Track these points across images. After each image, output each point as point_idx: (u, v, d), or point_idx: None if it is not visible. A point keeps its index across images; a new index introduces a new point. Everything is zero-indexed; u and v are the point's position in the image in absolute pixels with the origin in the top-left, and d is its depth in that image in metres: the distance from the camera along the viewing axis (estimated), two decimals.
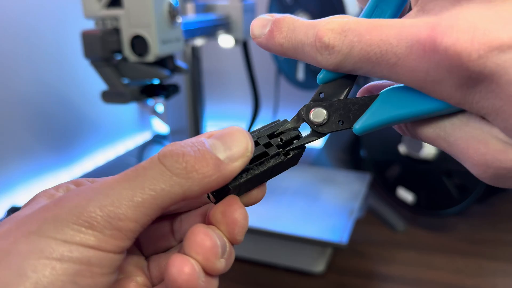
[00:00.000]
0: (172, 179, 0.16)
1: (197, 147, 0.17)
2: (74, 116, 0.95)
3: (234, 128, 0.18)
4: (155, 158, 0.17)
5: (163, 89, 0.55)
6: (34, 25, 0.83)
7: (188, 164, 0.16)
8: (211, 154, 0.17)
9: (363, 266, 0.61)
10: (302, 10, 0.78)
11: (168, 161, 0.16)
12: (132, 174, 0.16)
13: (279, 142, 0.20)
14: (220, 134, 0.18)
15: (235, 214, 0.18)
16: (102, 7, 0.48)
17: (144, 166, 0.17)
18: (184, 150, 0.17)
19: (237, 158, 0.18)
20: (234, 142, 0.18)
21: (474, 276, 0.58)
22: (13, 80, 0.80)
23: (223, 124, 1.13)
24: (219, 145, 0.17)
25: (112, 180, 0.16)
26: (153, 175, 0.16)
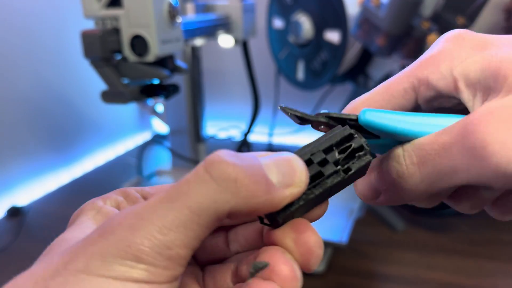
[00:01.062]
0: (218, 193, 0.14)
1: (249, 162, 0.15)
2: (74, 116, 0.95)
3: (290, 155, 0.17)
4: (201, 167, 0.15)
5: (163, 89, 0.54)
6: (34, 25, 0.83)
7: (238, 178, 0.14)
8: (264, 173, 0.15)
9: (363, 266, 0.61)
10: (302, 10, 0.78)
11: (216, 170, 0.14)
12: (174, 192, 0.14)
13: (337, 157, 0.17)
14: (275, 158, 0.16)
15: (310, 243, 0.17)
16: (102, 7, 0.48)
17: (188, 179, 0.15)
18: (235, 161, 0.15)
19: (289, 186, 0.16)
20: (289, 169, 0.16)
21: (474, 276, 0.58)
22: (13, 79, 0.80)
23: (223, 124, 1.13)
24: (273, 167, 0.16)
25: (155, 201, 0.15)
26: (197, 190, 0.14)
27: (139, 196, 0.20)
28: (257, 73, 0.84)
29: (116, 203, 0.19)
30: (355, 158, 0.17)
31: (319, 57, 0.78)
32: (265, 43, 0.91)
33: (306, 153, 0.17)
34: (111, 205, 0.19)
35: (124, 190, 0.20)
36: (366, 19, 0.66)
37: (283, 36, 0.83)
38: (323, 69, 0.78)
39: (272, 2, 0.84)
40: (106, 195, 0.19)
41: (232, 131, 1.12)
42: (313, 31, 0.77)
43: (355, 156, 0.17)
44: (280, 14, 0.83)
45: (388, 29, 0.63)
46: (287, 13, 0.81)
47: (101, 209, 0.18)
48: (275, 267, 0.16)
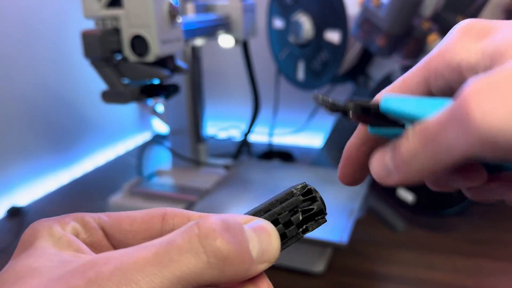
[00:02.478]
0: (206, 268, 0.15)
1: (240, 238, 0.16)
2: (74, 116, 0.95)
3: (271, 227, 0.18)
4: (194, 236, 0.15)
5: (163, 89, 0.54)
6: (34, 25, 0.83)
7: (229, 257, 0.15)
8: (250, 253, 0.16)
9: (363, 266, 0.61)
10: (302, 10, 0.78)
11: (210, 245, 0.15)
12: (165, 256, 0.15)
13: (299, 219, 0.19)
14: (258, 228, 0.17)
15: None
16: (102, 7, 0.48)
17: (180, 246, 0.15)
18: (228, 238, 0.15)
19: (264, 262, 0.17)
20: (269, 245, 0.17)
21: (474, 276, 0.58)
22: (13, 80, 0.80)
23: (223, 124, 1.13)
24: (255, 241, 0.17)
25: (143, 261, 0.15)
26: (188, 261, 0.15)
27: (97, 226, 0.20)
28: (257, 73, 0.84)
29: (75, 231, 0.19)
30: (313, 220, 0.19)
31: (319, 57, 0.78)
32: (265, 43, 0.91)
33: (274, 213, 0.19)
34: (70, 232, 0.19)
35: (80, 217, 0.20)
36: (366, 19, 0.66)
37: (283, 36, 0.83)
38: (323, 69, 0.78)
39: (272, 2, 0.84)
40: (60, 218, 0.19)
41: (232, 131, 1.12)
42: (313, 31, 0.77)
43: (314, 219, 0.19)
44: (280, 14, 0.83)
45: (388, 29, 0.63)
46: (287, 13, 0.81)
47: (62, 237, 0.18)
48: None
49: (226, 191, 0.66)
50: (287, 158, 0.97)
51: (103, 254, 0.16)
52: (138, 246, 0.16)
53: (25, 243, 0.18)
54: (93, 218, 0.20)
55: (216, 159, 0.84)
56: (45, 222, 0.19)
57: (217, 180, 0.71)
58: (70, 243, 0.18)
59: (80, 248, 0.18)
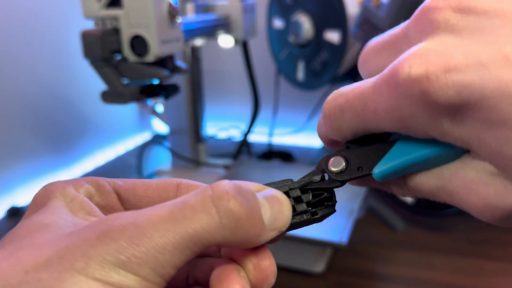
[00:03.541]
0: (219, 228, 0.15)
1: (252, 202, 0.16)
2: (74, 116, 0.95)
3: (283, 196, 0.18)
4: (208, 196, 0.16)
5: (163, 89, 0.55)
6: (34, 25, 0.83)
7: (241, 219, 0.16)
8: (261, 217, 0.16)
9: (363, 266, 0.61)
10: (302, 10, 0.78)
11: (223, 206, 0.15)
12: (179, 214, 0.15)
13: (309, 199, 0.20)
14: (270, 196, 0.17)
15: (268, 270, 0.18)
16: (102, 7, 0.48)
17: (193, 205, 0.15)
18: (241, 200, 0.16)
19: (275, 229, 0.17)
20: (280, 212, 0.17)
21: (473, 276, 0.58)
22: (13, 80, 0.80)
23: (223, 124, 1.13)
24: (268, 209, 0.17)
25: (158, 218, 0.15)
26: (201, 220, 0.15)
27: (111, 189, 0.20)
28: (257, 73, 0.84)
29: (88, 193, 0.19)
30: (323, 205, 0.20)
31: (319, 57, 0.78)
32: (265, 43, 0.91)
33: (286, 186, 0.20)
34: (84, 194, 0.19)
35: (95, 180, 0.20)
36: (366, 19, 0.66)
37: (283, 36, 0.83)
38: (323, 69, 0.78)
39: (272, 2, 0.84)
40: (74, 180, 0.19)
41: (232, 131, 1.12)
42: (313, 31, 0.77)
43: (323, 204, 0.20)
44: (280, 14, 0.83)
45: (388, 29, 0.63)
46: (287, 13, 0.81)
47: (75, 198, 0.18)
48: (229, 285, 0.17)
49: None
50: (287, 158, 0.97)
51: (116, 213, 0.16)
52: (153, 206, 0.16)
53: (37, 203, 0.18)
54: (108, 182, 0.20)
55: (216, 159, 0.84)
56: (59, 183, 0.19)
57: (217, 180, 0.72)
58: (83, 205, 0.18)
59: (92, 210, 0.18)
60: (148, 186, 0.20)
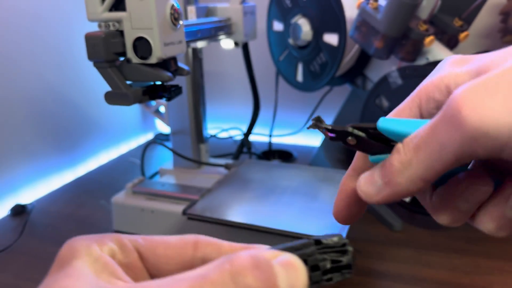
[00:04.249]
0: None
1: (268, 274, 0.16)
2: (78, 117, 0.96)
3: (298, 262, 0.18)
4: (226, 272, 0.16)
5: (166, 91, 0.55)
6: (39, 28, 0.84)
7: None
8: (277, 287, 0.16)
9: (361, 264, 0.62)
10: (301, 13, 0.79)
11: (241, 282, 0.16)
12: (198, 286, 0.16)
13: (327, 267, 0.19)
14: (285, 263, 0.17)
15: None
16: (105, 10, 0.49)
17: (213, 281, 0.16)
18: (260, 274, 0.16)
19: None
20: (297, 279, 0.17)
21: (470, 274, 0.59)
22: (18, 81, 0.81)
23: (224, 125, 1.14)
24: (284, 276, 0.17)
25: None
26: None
27: (133, 248, 0.21)
28: (257, 75, 0.85)
29: (112, 252, 0.20)
30: (339, 272, 0.19)
31: (318, 59, 0.79)
32: (265, 45, 0.92)
33: (304, 255, 0.18)
34: (107, 253, 0.19)
35: (118, 238, 0.20)
36: (364, 21, 0.67)
37: (283, 39, 0.84)
38: (322, 71, 0.79)
39: (272, 5, 0.85)
40: (99, 237, 0.20)
41: (233, 132, 1.13)
42: (312, 34, 0.78)
43: (340, 271, 0.19)
44: (279, 17, 0.84)
45: (385, 31, 0.64)
46: (287, 16, 0.82)
47: (99, 258, 0.19)
48: None
49: (226, 190, 0.67)
50: (287, 158, 0.98)
51: (139, 285, 0.17)
52: (173, 278, 0.16)
53: (62, 261, 0.18)
54: (130, 240, 0.21)
55: (217, 159, 0.85)
56: (83, 240, 0.19)
57: (218, 179, 0.73)
58: (106, 266, 0.19)
59: (115, 272, 0.19)
60: (167, 246, 0.21)
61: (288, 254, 0.18)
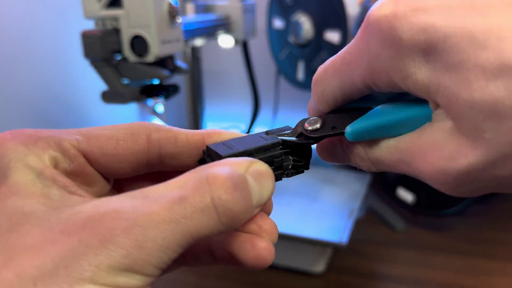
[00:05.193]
0: (217, 225, 0.16)
1: (246, 194, 0.17)
2: (74, 116, 0.95)
3: (269, 172, 0.18)
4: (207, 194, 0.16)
5: (163, 90, 0.55)
6: (34, 25, 0.83)
7: (237, 214, 0.16)
8: (252, 203, 0.17)
9: (363, 266, 0.61)
10: (302, 10, 0.78)
11: (222, 207, 0.16)
12: (179, 213, 0.15)
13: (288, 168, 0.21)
14: (258, 175, 0.17)
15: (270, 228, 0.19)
16: (102, 7, 0.48)
17: (193, 204, 0.15)
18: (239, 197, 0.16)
19: (260, 206, 0.18)
20: (267, 189, 0.18)
21: (473, 275, 0.59)
22: (12, 80, 0.80)
23: (223, 124, 1.13)
24: (256, 189, 0.17)
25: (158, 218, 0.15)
26: (202, 220, 0.15)
27: (76, 151, 0.18)
28: (257, 74, 0.84)
29: (54, 161, 0.17)
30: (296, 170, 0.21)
31: (319, 57, 0.78)
32: (265, 44, 0.91)
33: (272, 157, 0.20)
34: (49, 162, 0.17)
35: (57, 142, 0.18)
36: None
37: (283, 36, 0.84)
38: None
39: (272, 2, 0.84)
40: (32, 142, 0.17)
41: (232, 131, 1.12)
42: (313, 31, 0.77)
43: (297, 169, 0.21)
44: (280, 15, 0.83)
45: None
46: (287, 14, 0.81)
47: (43, 171, 0.17)
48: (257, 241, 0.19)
49: None
50: None
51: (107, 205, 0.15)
52: (144, 195, 0.16)
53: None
54: (71, 144, 0.18)
55: None
56: (15, 146, 0.17)
57: None
58: (54, 179, 0.17)
59: (66, 184, 0.17)
60: (116, 143, 0.19)
61: (260, 163, 0.18)
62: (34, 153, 0.17)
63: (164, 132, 0.20)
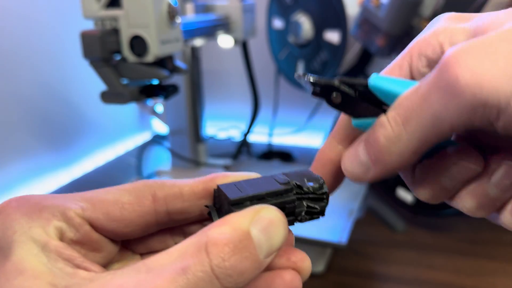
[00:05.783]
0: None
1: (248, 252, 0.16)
2: (73, 116, 0.95)
3: (278, 216, 0.17)
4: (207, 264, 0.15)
5: (162, 90, 0.55)
6: (33, 25, 0.83)
7: (241, 275, 0.15)
8: (258, 258, 0.16)
9: (363, 266, 0.61)
10: (302, 10, 0.78)
11: (223, 274, 0.15)
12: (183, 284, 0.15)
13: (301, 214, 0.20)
14: (265, 225, 0.16)
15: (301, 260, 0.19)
16: (101, 8, 0.48)
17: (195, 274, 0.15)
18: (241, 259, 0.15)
19: (273, 253, 0.17)
20: (277, 236, 0.17)
21: (473, 276, 0.58)
22: (13, 80, 0.80)
23: (223, 124, 1.13)
24: (263, 244, 0.16)
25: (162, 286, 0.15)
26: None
27: (81, 220, 0.18)
28: (256, 73, 0.84)
29: (59, 231, 0.17)
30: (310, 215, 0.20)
31: (319, 57, 0.78)
32: (265, 43, 0.91)
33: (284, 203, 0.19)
34: (54, 234, 0.17)
35: (61, 211, 0.17)
36: (366, 19, 0.66)
37: (283, 36, 0.83)
38: (323, 70, 0.78)
39: (272, 2, 0.84)
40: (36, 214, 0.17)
41: (232, 131, 1.12)
42: (313, 32, 0.77)
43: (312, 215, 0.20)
44: (280, 14, 0.83)
45: (388, 29, 0.63)
46: (287, 13, 0.81)
47: (47, 244, 0.16)
48: None
49: None
50: (287, 158, 0.97)
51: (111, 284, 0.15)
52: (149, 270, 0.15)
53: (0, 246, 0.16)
54: (76, 212, 0.18)
55: (215, 159, 0.84)
56: (19, 219, 0.16)
57: None
58: (59, 252, 0.16)
59: (71, 257, 0.16)
60: (122, 208, 0.19)
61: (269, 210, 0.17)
62: (39, 224, 0.17)
63: (169, 189, 0.20)
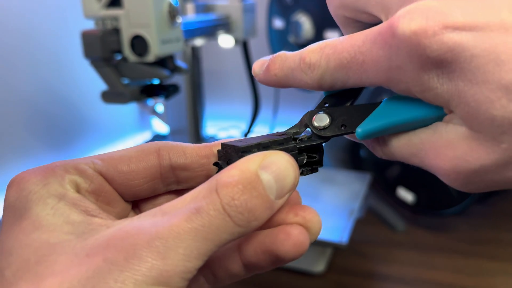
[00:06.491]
0: (235, 229, 0.16)
1: (257, 192, 0.16)
2: (74, 116, 0.95)
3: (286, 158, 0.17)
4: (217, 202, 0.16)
5: (163, 89, 0.55)
6: (34, 24, 0.83)
7: (252, 213, 0.16)
8: (269, 198, 0.17)
9: (363, 266, 0.61)
10: (302, 10, 0.78)
11: (234, 211, 0.16)
12: (197, 223, 0.16)
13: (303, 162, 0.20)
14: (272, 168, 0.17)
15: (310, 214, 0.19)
16: (102, 7, 0.48)
17: (208, 213, 0.16)
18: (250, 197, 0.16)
19: (285, 194, 0.17)
20: (287, 179, 0.17)
21: (474, 276, 0.58)
22: (13, 79, 0.80)
23: (223, 124, 1.13)
24: (273, 185, 0.17)
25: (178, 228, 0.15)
26: (218, 226, 0.16)
27: (94, 172, 0.19)
28: None
29: (74, 184, 0.18)
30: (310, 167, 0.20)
31: None
32: (265, 43, 0.91)
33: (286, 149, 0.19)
34: (70, 186, 0.18)
35: (75, 166, 0.19)
36: None
37: (283, 36, 0.83)
38: None
39: (272, 2, 0.84)
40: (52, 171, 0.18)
41: (232, 131, 1.12)
42: (313, 31, 0.77)
43: (311, 166, 0.20)
44: (280, 14, 0.83)
45: None
46: (287, 13, 0.81)
47: (64, 197, 0.17)
48: None
49: None
50: None
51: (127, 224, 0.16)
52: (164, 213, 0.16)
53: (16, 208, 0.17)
54: (87, 165, 0.19)
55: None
56: (34, 179, 0.18)
57: None
58: (76, 204, 0.17)
59: (87, 208, 0.17)
60: (129, 161, 0.20)
61: (276, 154, 0.17)
62: (54, 180, 0.18)
63: (172, 146, 0.21)
